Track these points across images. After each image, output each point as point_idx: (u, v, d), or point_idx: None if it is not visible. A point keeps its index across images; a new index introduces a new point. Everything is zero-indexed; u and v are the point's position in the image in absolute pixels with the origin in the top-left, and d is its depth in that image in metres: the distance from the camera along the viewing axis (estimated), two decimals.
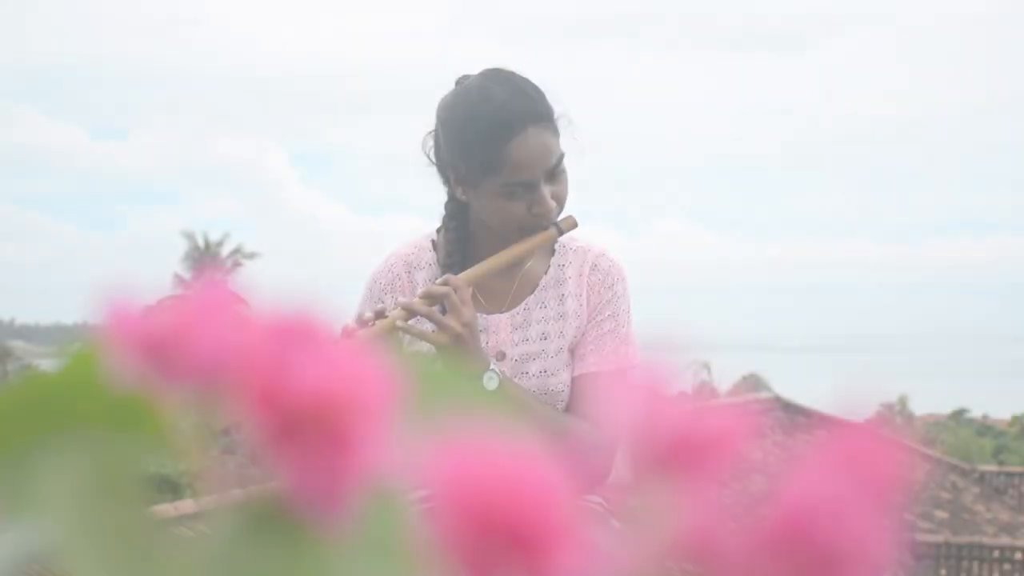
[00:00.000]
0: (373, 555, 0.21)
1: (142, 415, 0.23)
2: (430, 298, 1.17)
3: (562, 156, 1.25)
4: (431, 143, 1.30)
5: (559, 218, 1.26)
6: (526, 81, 1.25)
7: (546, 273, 1.31)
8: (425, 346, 1.19)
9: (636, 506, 0.16)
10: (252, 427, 0.20)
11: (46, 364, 0.24)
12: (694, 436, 0.16)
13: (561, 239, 1.29)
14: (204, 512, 0.22)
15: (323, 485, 0.20)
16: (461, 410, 0.21)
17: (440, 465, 0.16)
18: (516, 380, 1.25)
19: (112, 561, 0.20)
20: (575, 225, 1.28)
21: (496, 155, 1.20)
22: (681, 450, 0.16)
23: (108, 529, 0.20)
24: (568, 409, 1.27)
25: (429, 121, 1.31)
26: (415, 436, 0.19)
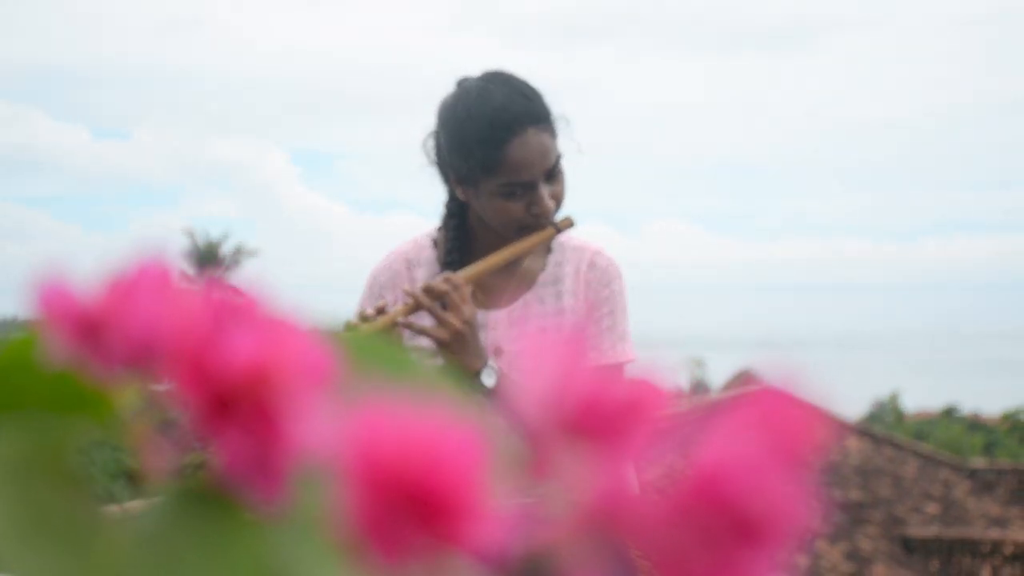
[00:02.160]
0: (306, 532, 0.21)
1: (78, 396, 0.23)
2: (431, 294, 1.19)
3: (560, 157, 1.28)
4: (432, 143, 1.33)
5: (557, 217, 1.29)
6: (525, 83, 1.28)
7: (544, 271, 1.33)
8: (425, 342, 1.21)
9: (549, 473, 0.16)
10: (186, 403, 0.20)
11: None
12: (606, 402, 0.16)
13: (559, 238, 1.32)
14: (141, 492, 0.22)
15: (256, 460, 0.20)
16: (394, 382, 0.21)
17: (352, 432, 0.16)
18: (513, 376, 1.26)
19: (39, 543, 0.19)
20: (572, 224, 1.31)
21: (495, 155, 1.23)
22: (593, 416, 0.16)
23: (37, 511, 0.20)
24: None
25: (429, 121, 1.34)
26: (347, 410, 0.19)
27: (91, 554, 0.20)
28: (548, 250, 1.34)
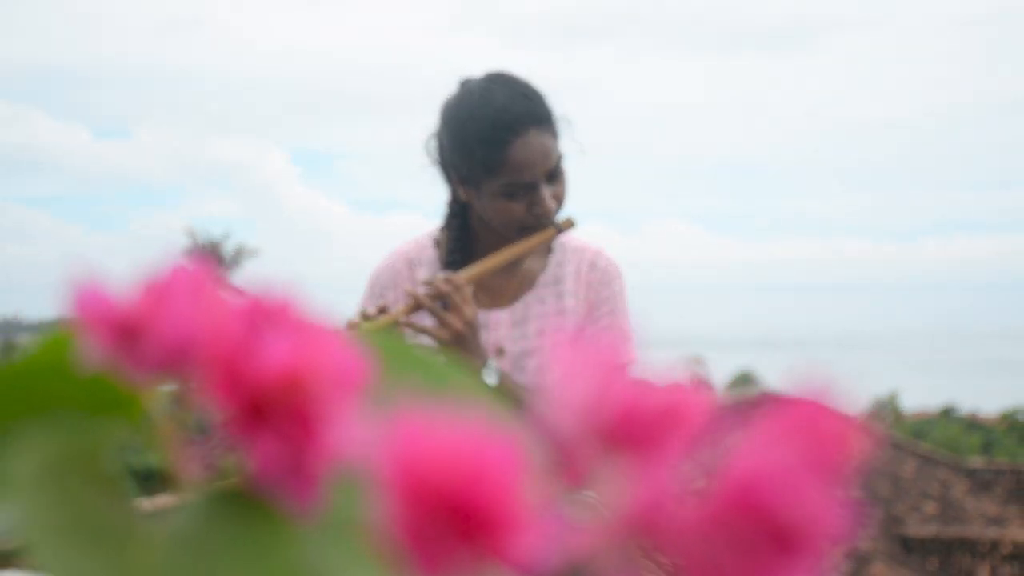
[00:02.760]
0: (340, 536, 0.21)
1: (112, 398, 0.23)
2: (433, 294, 1.20)
3: (561, 158, 1.29)
4: (434, 144, 1.34)
5: (558, 218, 1.30)
6: (526, 84, 1.29)
7: (545, 271, 1.34)
8: (427, 342, 1.22)
9: (586, 483, 0.17)
10: (220, 407, 0.21)
11: (19, 349, 0.24)
12: (644, 410, 0.17)
13: (560, 238, 1.33)
14: (175, 494, 0.22)
15: (290, 465, 0.20)
16: (427, 389, 0.22)
17: (393, 442, 0.16)
18: (514, 376, 1.27)
19: (75, 543, 0.20)
20: (573, 225, 1.32)
21: (497, 156, 1.24)
22: (630, 425, 0.16)
23: (73, 511, 0.20)
24: None
25: (429, 121, 1.35)
26: (382, 415, 0.20)
27: (128, 555, 0.20)
28: (549, 250, 1.35)
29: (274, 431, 0.20)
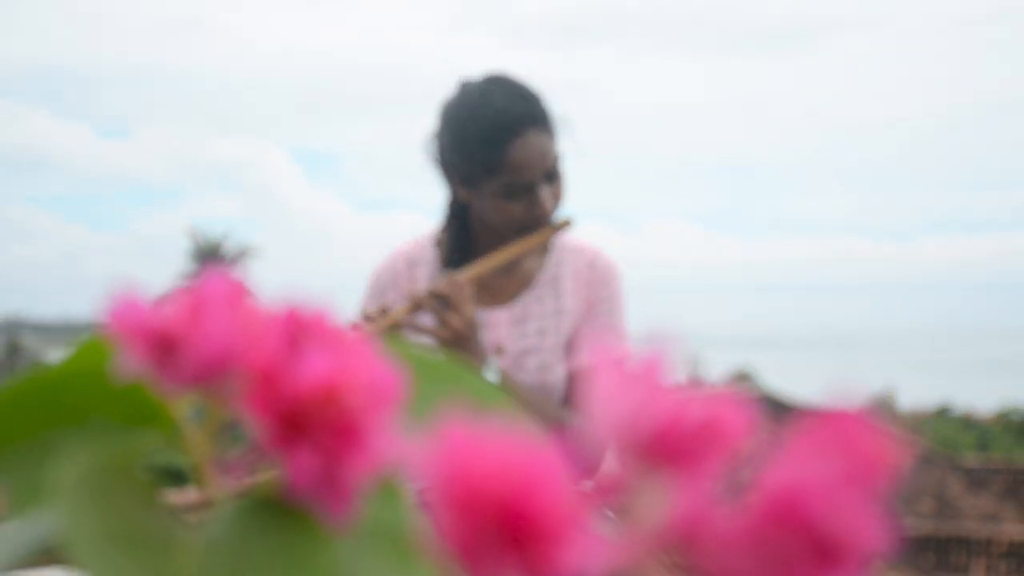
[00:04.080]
0: (378, 546, 0.21)
1: (150, 409, 0.23)
2: (433, 294, 1.22)
3: (559, 158, 1.30)
4: (433, 144, 1.35)
5: (556, 218, 1.31)
6: (526, 86, 1.30)
7: (543, 271, 1.36)
8: (427, 342, 1.23)
9: (626, 496, 0.17)
10: (257, 419, 0.21)
11: (55, 358, 0.24)
12: (685, 426, 0.17)
13: (558, 238, 1.34)
14: (211, 504, 0.22)
15: (327, 476, 0.21)
16: (463, 401, 0.22)
17: (439, 456, 0.16)
18: (514, 374, 1.29)
19: (117, 549, 0.20)
20: (571, 225, 1.33)
21: (496, 157, 1.26)
22: (672, 440, 0.17)
23: (114, 519, 0.21)
24: (564, 403, 1.32)
25: (429, 120, 1.36)
26: (418, 428, 0.20)
27: (167, 562, 0.20)
28: (547, 250, 1.36)
29: (311, 443, 0.21)
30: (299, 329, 0.22)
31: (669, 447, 0.18)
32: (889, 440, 0.17)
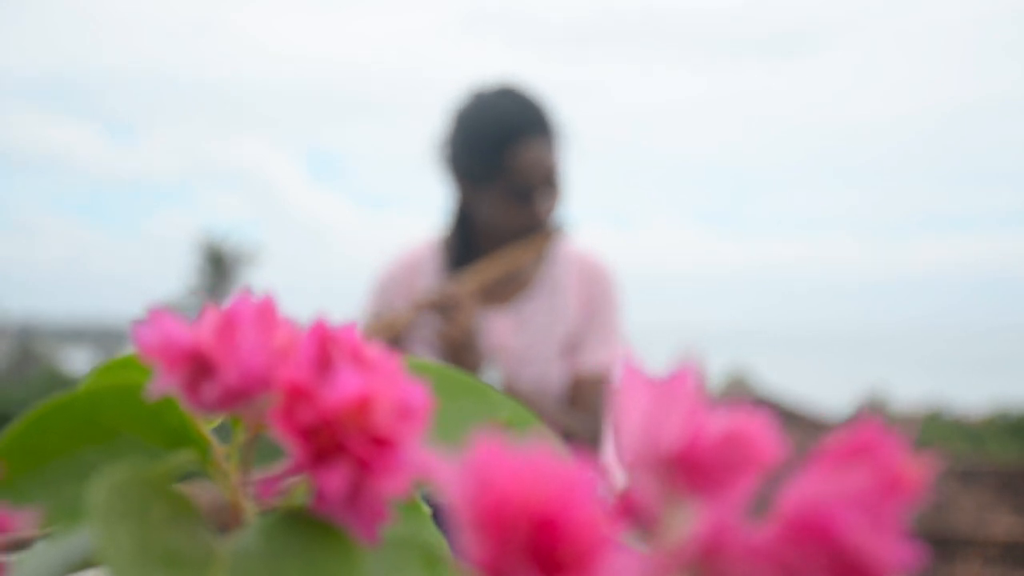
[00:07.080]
0: (407, 562, 0.22)
1: (181, 427, 0.24)
2: (436, 297, 1.24)
3: (560, 165, 1.33)
4: (439, 148, 1.38)
5: (555, 223, 1.34)
6: (531, 94, 1.33)
7: (541, 273, 1.38)
8: (428, 343, 1.25)
9: (653, 514, 0.17)
10: (289, 436, 0.21)
11: (66, 360, 0.24)
12: (713, 446, 0.17)
13: (556, 242, 1.36)
14: (243, 520, 0.23)
15: (358, 492, 0.21)
16: (491, 417, 0.22)
17: (469, 472, 0.17)
18: (513, 375, 1.30)
19: (151, 566, 0.20)
20: (569, 229, 1.36)
21: (499, 163, 1.29)
22: (698, 459, 0.17)
23: (148, 535, 0.21)
24: (563, 404, 1.34)
25: (436, 123, 1.38)
26: (446, 444, 0.20)
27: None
28: (546, 254, 1.38)
29: (342, 459, 0.21)
30: (328, 346, 0.22)
31: (696, 465, 0.18)
32: (915, 456, 0.17)
